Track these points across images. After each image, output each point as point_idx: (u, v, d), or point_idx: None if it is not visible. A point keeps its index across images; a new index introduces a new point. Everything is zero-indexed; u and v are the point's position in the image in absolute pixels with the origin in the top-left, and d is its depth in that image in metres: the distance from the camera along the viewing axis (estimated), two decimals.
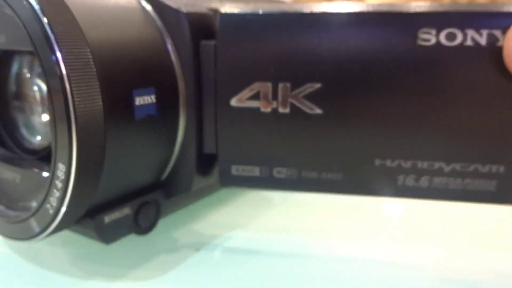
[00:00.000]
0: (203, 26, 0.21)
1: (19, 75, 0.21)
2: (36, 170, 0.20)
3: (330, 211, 0.28)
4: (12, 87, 0.21)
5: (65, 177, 0.17)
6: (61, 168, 0.17)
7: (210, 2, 0.24)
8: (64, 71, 0.16)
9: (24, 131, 0.22)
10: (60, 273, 0.21)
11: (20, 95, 0.21)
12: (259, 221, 0.27)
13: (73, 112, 0.16)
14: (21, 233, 0.19)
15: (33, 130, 0.21)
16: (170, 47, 0.20)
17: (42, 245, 0.23)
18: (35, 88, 0.20)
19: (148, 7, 0.21)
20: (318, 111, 0.19)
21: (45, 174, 0.19)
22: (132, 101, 0.18)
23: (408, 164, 0.19)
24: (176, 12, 0.21)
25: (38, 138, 0.21)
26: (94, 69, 0.17)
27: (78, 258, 0.22)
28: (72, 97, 0.16)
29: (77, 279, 0.20)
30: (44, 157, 0.20)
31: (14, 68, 0.21)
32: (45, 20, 0.16)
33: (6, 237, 0.20)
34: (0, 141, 0.22)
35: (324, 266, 0.22)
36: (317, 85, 0.19)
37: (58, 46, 0.16)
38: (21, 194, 0.20)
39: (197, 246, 0.23)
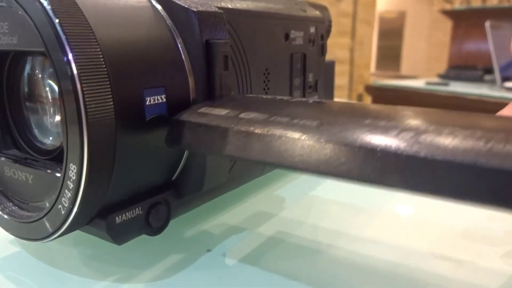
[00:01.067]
0: (213, 25, 0.21)
1: (31, 76, 0.21)
2: (49, 170, 0.20)
3: (337, 212, 0.28)
4: (24, 88, 0.21)
5: (76, 177, 0.17)
6: (72, 169, 0.17)
7: (220, 0, 0.24)
8: (75, 72, 0.16)
9: (36, 132, 0.22)
10: (73, 273, 0.21)
11: (32, 96, 0.21)
12: (270, 221, 0.27)
13: (84, 113, 0.16)
14: (33, 233, 0.19)
15: (45, 131, 0.21)
16: (180, 45, 0.20)
17: (54, 245, 0.23)
18: (47, 88, 0.20)
19: (158, 6, 0.21)
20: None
21: (58, 174, 0.19)
22: (142, 101, 0.18)
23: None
24: (186, 10, 0.21)
25: (50, 139, 0.21)
26: (105, 69, 0.17)
27: (91, 258, 0.22)
28: (83, 98, 0.16)
29: (90, 279, 0.20)
30: (56, 157, 0.20)
31: (26, 69, 0.21)
32: (56, 20, 0.16)
33: (18, 237, 0.20)
34: (13, 142, 0.22)
35: (335, 268, 0.22)
36: None
37: (70, 46, 0.16)
38: (33, 194, 0.20)
39: (209, 247, 0.23)
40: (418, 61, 5.61)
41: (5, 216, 0.20)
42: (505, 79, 1.56)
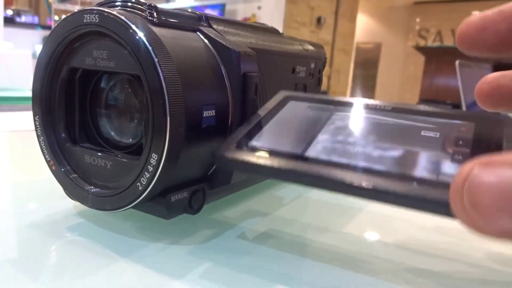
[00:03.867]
0: (248, 61, 0.29)
1: (113, 91, 0.28)
2: (126, 159, 0.27)
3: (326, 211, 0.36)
4: (105, 99, 0.29)
5: (156, 163, 0.24)
6: (154, 157, 0.24)
7: (250, 39, 0.32)
8: (165, 89, 0.23)
9: (112, 133, 0.29)
10: (130, 237, 0.28)
11: (112, 106, 0.28)
12: (276, 212, 0.34)
13: (169, 119, 0.23)
14: (112, 205, 0.26)
15: (121, 132, 0.29)
16: (225, 75, 0.28)
17: (110, 219, 0.30)
18: (134, 101, 0.28)
19: (211, 47, 0.28)
20: None
21: (135, 162, 0.26)
22: (201, 113, 0.26)
23: None
24: (229, 50, 0.28)
25: (126, 137, 0.28)
26: (181, 90, 0.24)
27: (142, 229, 0.29)
28: (169, 108, 0.23)
29: (145, 241, 0.27)
30: (132, 151, 0.27)
31: (107, 84, 0.28)
32: (156, 59, 0.23)
33: (96, 209, 0.27)
34: (87, 137, 0.29)
35: (325, 248, 0.30)
36: None
37: (162, 70, 0.23)
38: (111, 176, 0.27)
39: (232, 225, 0.31)
40: (392, 91, 5.81)
41: (85, 193, 0.27)
42: None
